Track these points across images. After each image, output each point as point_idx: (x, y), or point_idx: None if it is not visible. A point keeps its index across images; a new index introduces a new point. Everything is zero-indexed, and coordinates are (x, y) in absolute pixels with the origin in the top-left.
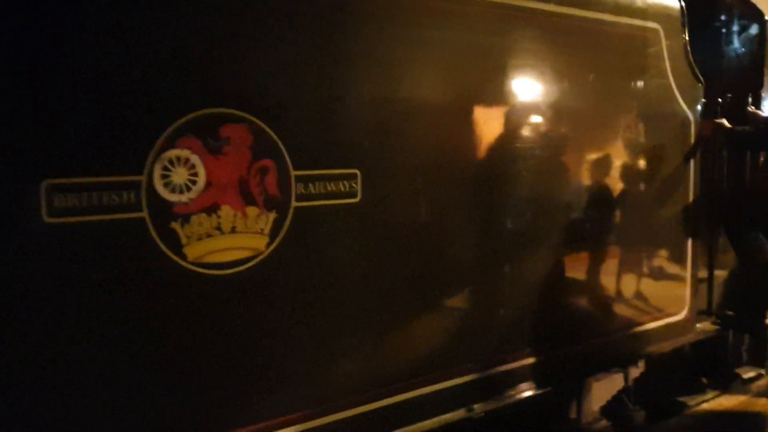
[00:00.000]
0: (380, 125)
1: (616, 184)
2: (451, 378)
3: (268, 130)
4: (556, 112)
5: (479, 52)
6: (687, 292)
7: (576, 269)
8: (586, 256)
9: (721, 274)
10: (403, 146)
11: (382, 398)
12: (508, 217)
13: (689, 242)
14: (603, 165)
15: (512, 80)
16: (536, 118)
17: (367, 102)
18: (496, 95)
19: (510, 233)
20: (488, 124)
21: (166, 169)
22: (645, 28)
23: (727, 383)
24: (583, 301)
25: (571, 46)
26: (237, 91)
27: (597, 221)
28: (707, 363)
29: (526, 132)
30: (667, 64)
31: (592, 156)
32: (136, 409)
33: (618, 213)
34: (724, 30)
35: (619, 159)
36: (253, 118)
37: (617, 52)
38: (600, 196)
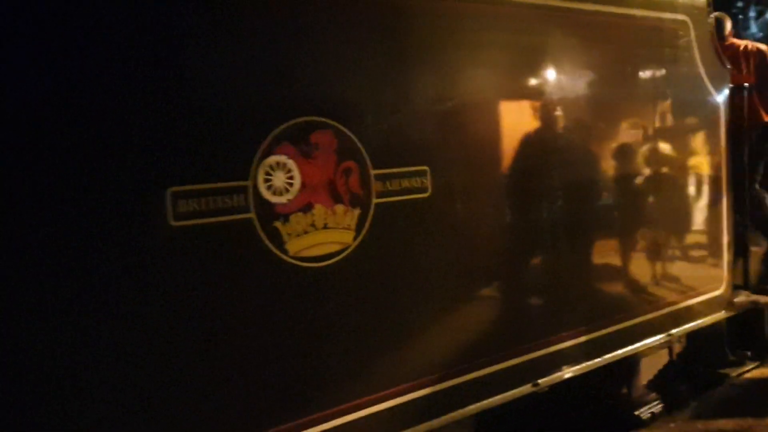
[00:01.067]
0: (443, 124)
1: (657, 169)
2: (518, 356)
3: (349, 134)
4: (598, 104)
5: (527, 52)
6: (724, 268)
7: (627, 254)
8: (635, 241)
9: (756, 250)
10: (464, 142)
11: (457, 376)
12: (561, 206)
13: (724, 222)
14: (643, 152)
15: (558, 76)
16: (580, 111)
17: (430, 103)
18: (545, 91)
19: (566, 221)
20: (537, 118)
21: (268, 174)
22: (675, 21)
23: (765, 353)
24: (633, 282)
25: (609, 42)
26: (323, 100)
27: (643, 208)
28: (746, 335)
29: (571, 124)
30: (696, 53)
31: (633, 144)
32: (264, 389)
33: (661, 197)
34: (741, 16)
35: (656, 145)
36: (337, 124)
37: (651, 44)
38: (644, 182)
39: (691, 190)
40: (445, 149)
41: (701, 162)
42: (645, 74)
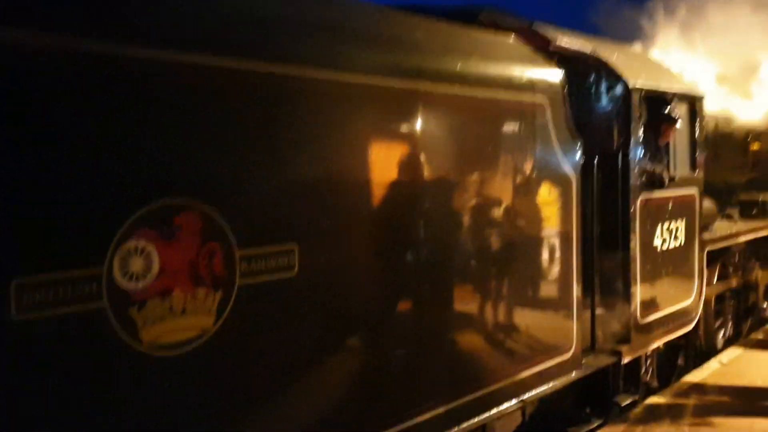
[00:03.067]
0: (312, 201)
1: (513, 240)
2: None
3: (214, 215)
4: (462, 183)
5: (396, 131)
6: (573, 332)
7: (484, 323)
8: (491, 310)
9: (601, 313)
10: (333, 220)
11: None
12: (427, 283)
13: (573, 287)
14: (501, 224)
15: (426, 155)
16: (446, 190)
17: (298, 181)
18: (412, 169)
19: (430, 296)
20: (405, 195)
21: (124, 259)
22: (533, 102)
23: (608, 412)
24: (489, 350)
25: (474, 121)
26: (187, 181)
27: (500, 277)
28: (592, 395)
29: (437, 202)
30: (552, 130)
31: (492, 217)
32: None
33: (517, 266)
34: (593, 89)
35: (513, 217)
36: (202, 205)
37: (512, 122)
38: (501, 252)
39: (545, 256)
40: (314, 227)
41: (554, 229)
42: (506, 150)
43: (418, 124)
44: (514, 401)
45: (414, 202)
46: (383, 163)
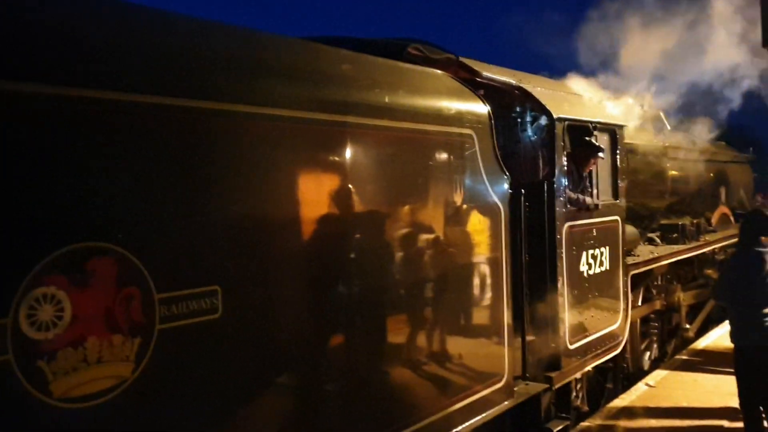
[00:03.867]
0: (234, 241)
1: (444, 270)
2: None
3: (132, 258)
4: (391, 216)
5: (324, 165)
6: (505, 360)
7: (416, 356)
8: (423, 342)
9: (532, 340)
10: (257, 259)
11: None
12: (354, 320)
13: (504, 315)
14: (431, 254)
15: (355, 189)
16: (375, 224)
17: (220, 220)
18: (345, 204)
19: (359, 332)
20: (331, 231)
21: (32, 308)
22: (462, 134)
23: None
24: (422, 383)
25: (402, 153)
26: (101, 224)
27: (431, 307)
28: (523, 421)
29: (365, 237)
30: (480, 162)
31: (422, 248)
32: None
33: (447, 296)
34: (519, 120)
35: (444, 247)
36: (117, 248)
37: (441, 154)
38: (431, 283)
39: (475, 286)
40: (238, 266)
41: (484, 259)
42: (436, 181)
43: (346, 158)
44: None
45: (342, 236)
46: (310, 197)
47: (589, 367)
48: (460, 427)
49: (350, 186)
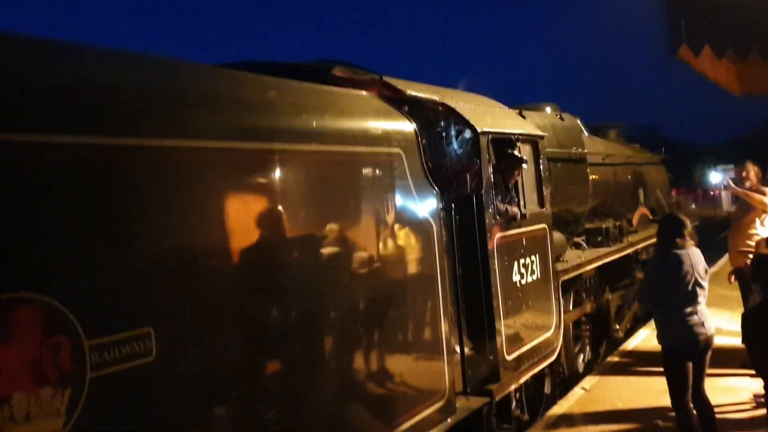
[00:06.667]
0: (166, 280)
1: (378, 289)
2: None
3: (57, 305)
4: (328, 236)
5: (255, 194)
6: (446, 377)
7: (357, 379)
8: (362, 365)
9: (470, 354)
10: (190, 297)
11: None
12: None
13: (442, 331)
14: (364, 274)
15: (291, 215)
16: (311, 244)
17: (149, 259)
18: (277, 231)
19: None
20: (271, 257)
21: None
22: (390, 153)
23: None
24: (364, 407)
25: (332, 176)
26: (21, 272)
27: (367, 328)
28: None
29: (299, 268)
30: (410, 179)
31: (359, 264)
32: None
33: (382, 315)
34: (444, 134)
35: (378, 265)
36: (41, 297)
37: (371, 173)
38: (368, 300)
39: (411, 303)
40: (170, 305)
41: (418, 275)
42: (367, 202)
43: (276, 186)
44: None
45: (276, 266)
46: (240, 229)
47: (527, 377)
48: None
49: (281, 214)
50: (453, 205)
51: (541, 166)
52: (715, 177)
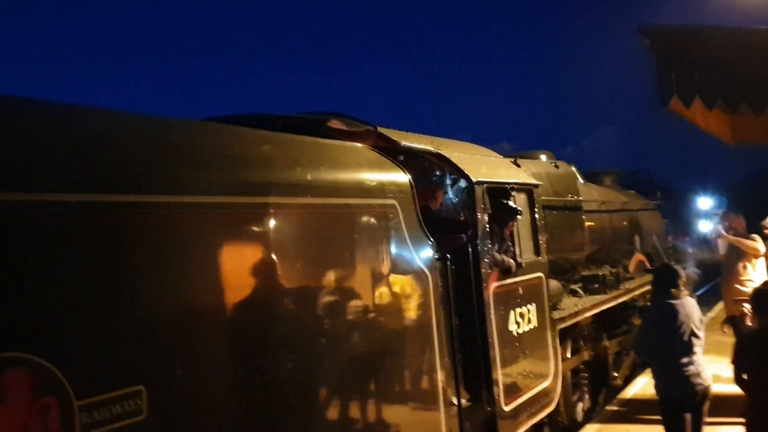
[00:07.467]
0: (157, 338)
1: (372, 333)
2: None
3: (46, 366)
4: (324, 289)
5: (251, 249)
6: (442, 424)
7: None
8: (356, 413)
9: (467, 404)
10: (183, 355)
11: None
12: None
13: (438, 381)
14: (362, 321)
15: (287, 269)
16: (307, 298)
17: (140, 317)
18: (273, 286)
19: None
20: (266, 314)
21: None
22: (385, 205)
23: None
24: None
25: (327, 228)
26: (9, 333)
27: (361, 376)
28: None
29: (293, 320)
30: (405, 230)
31: (355, 317)
32: None
33: (376, 363)
34: (439, 185)
35: (373, 316)
36: (30, 358)
37: (367, 225)
38: (364, 352)
39: (407, 354)
40: (162, 363)
41: (414, 326)
42: (362, 253)
43: (271, 240)
44: None
45: (271, 319)
46: (235, 284)
47: (525, 427)
48: None
49: (276, 269)
50: (448, 255)
51: (537, 215)
52: (705, 226)
